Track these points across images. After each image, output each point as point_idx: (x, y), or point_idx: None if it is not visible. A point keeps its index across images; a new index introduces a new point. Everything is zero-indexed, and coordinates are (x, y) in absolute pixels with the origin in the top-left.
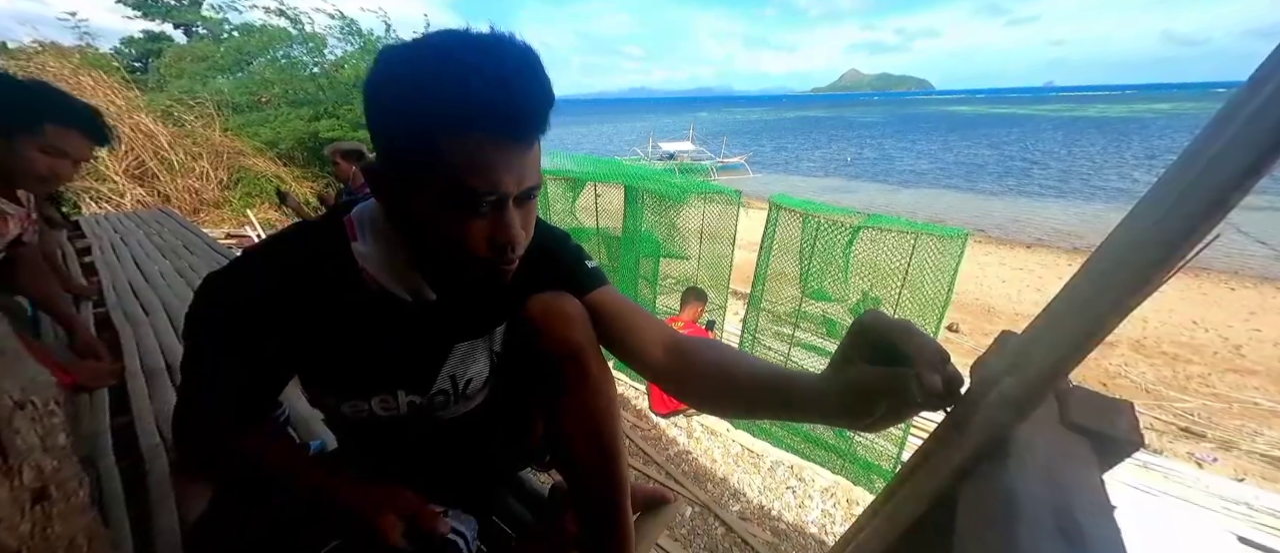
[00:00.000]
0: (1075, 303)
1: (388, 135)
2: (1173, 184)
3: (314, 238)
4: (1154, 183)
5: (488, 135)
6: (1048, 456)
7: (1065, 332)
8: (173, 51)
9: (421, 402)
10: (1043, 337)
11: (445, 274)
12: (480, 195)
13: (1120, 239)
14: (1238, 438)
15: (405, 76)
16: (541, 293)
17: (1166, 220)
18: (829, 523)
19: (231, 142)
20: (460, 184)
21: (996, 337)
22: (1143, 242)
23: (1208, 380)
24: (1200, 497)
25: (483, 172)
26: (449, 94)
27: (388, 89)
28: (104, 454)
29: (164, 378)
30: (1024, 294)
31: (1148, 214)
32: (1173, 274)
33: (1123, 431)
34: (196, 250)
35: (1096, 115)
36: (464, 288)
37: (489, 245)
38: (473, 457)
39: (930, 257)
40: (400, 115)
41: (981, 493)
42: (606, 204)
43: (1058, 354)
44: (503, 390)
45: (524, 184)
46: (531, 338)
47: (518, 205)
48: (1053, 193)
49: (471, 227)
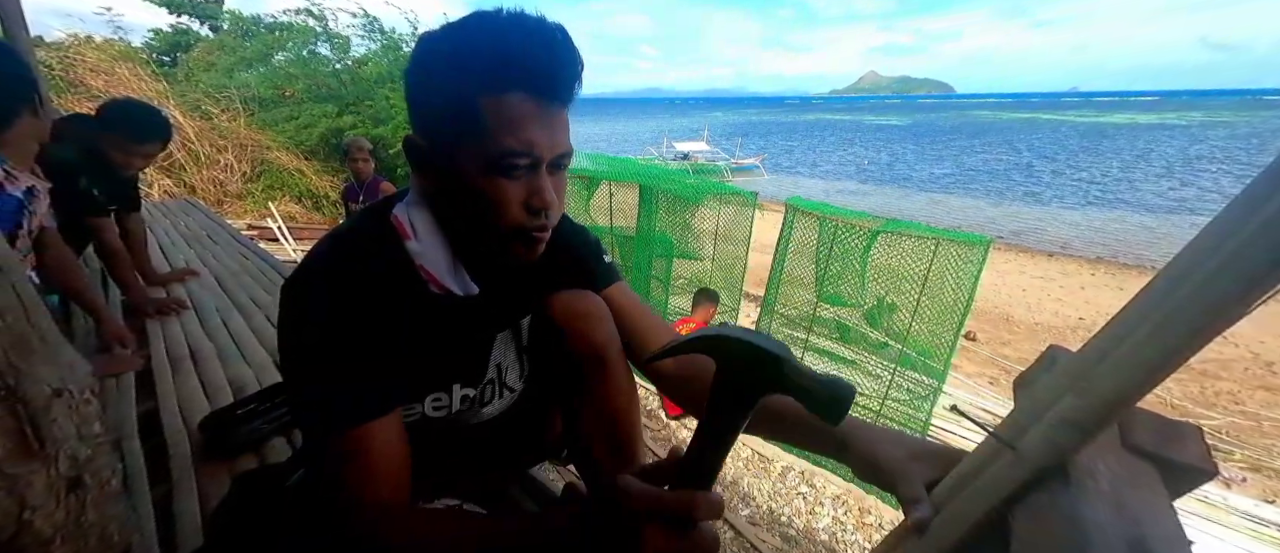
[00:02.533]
0: (1149, 324)
1: (429, 104)
2: (1259, 202)
3: (371, 246)
4: (1234, 198)
5: (526, 95)
6: (1114, 482)
7: (1139, 354)
8: (201, 46)
9: (474, 394)
10: (1110, 357)
11: (481, 255)
12: (517, 155)
13: (1201, 258)
14: (1268, 458)
15: (446, 45)
16: (564, 292)
17: (1257, 243)
18: (840, 531)
19: (256, 135)
20: (498, 144)
21: (1044, 351)
22: (1229, 264)
23: (1237, 398)
24: (1228, 518)
25: (519, 131)
26: (488, 52)
27: (429, 60)
28: (130, 437)
29: (188, 365)
30: (1044, 304)
31: (1233, 234)
32: (1266, 301)
33: (1193, 457)
34: (220, 241)
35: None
36: (499, 275)
37: (525, 210)
38: (494, 452)
39: (950, 263)
40: (442, 80)
41: (1041, 520)
42: (620, 203)
43: (1130, 377)
44: (533, 389)
45: (557, 148)
46: (556, 336)
47: (551, 172)
48: (1076, 201)
49: (508, 190)
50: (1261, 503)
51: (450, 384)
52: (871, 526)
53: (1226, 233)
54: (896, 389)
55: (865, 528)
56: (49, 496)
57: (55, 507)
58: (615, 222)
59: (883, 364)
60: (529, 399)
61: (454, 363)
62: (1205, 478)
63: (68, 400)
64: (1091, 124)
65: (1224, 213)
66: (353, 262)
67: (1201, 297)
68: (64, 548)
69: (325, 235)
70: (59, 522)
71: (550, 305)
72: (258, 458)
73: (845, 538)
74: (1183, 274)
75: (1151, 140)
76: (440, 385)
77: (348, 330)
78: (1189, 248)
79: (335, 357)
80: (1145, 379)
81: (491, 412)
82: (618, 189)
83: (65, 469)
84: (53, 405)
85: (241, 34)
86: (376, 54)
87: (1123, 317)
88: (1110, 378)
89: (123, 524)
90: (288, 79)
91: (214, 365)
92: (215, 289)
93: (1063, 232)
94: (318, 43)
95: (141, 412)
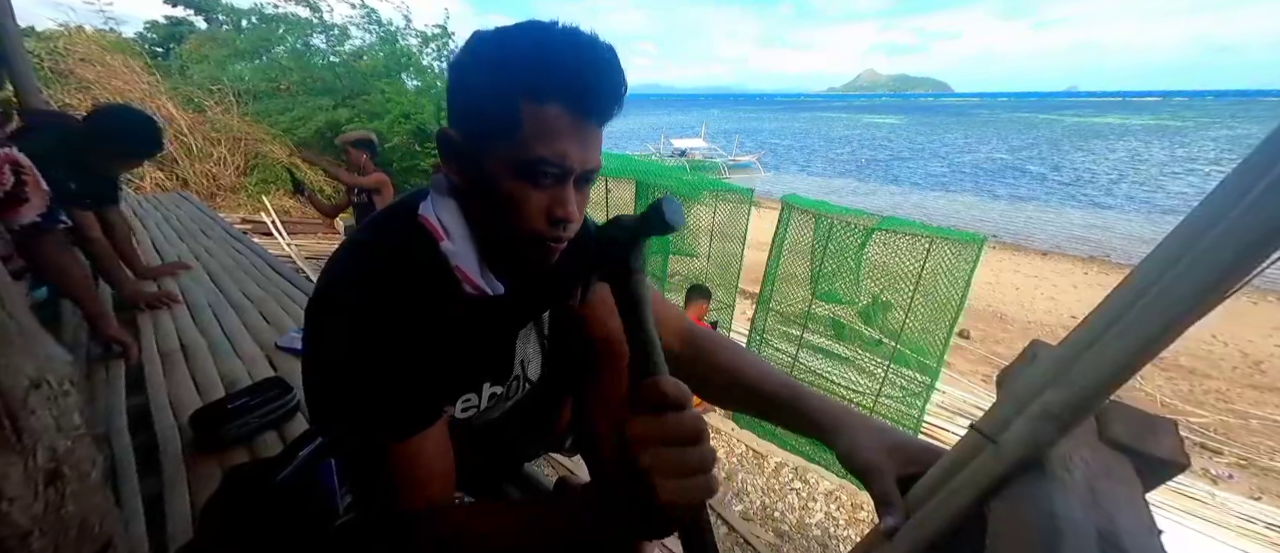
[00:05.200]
0: (1125, 318)
1: (469, 100)
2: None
3: (401, 247)
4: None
5: (565, 108)
6: (1089, 474)
7: (1115, 347)
8: (194, 37)
9: (502, 391)
10: (1088, 351)
11: (501, 254)
12: (548, 164)
13: (1173, 254)
14: (1255, 455)
15: (496, 48)
16: None
17: (1227, 238)
18: (832, 526)
19: (249, 127)
20: (532, 151)
21: (1026, 347)
22: (1200, 258)
23: (1226, 396)
24: (1215, 514)
25: (555, 141)
26: (535, 59)
27: (478, 57)
28: (120, 432)
29: (179, 359)
30: (1037, 302)
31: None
32: (1235, 292)
33: (1167, 450)
34: (212, 234)
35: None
36: (518, 274)
37: (547, 219)
38: (503, 445)
39: (945, 261)
40: (486, 78)
41: (1016, 512)
42: (617, 199)
43: (1108, 369)
44: (551, 381)
45: (588, 164)
46: (577, 325)
47: (577, 186)
48: (1070, 201)
49: (533, 197)
50: (1248, 500)
51: (480, 384)
52: (863, 521)
53: (1193, 235)
54: (890, 386)
55: (857, 524)
56: (26, 488)
57: (33, 499)
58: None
59: (877, 361)
60: (543, 391)
61: (484, 362)
62: (1178, 471)
63: (46, 392)
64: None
65: (1191, 215)
66: (388, 274)
67: (1170, 295)
68: (43, 541)
69: (345, 245)
70: (37, 514)
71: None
72: (249, 453)
73: (837, 533)
74: (1154, 273)
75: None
76: (471, 386)
77: (392, 346)
78: (1160, 248)
79: (381, 374)
80: (1120, 373)
81: (508, 405)
82: (614, 185)
83: (43, 461)
84: (30, 397)
85: (235, 26)
86: (373, 47)
87: (1099, 313)
88: (1086, 373)
89: (104, 517)
90: (283, 72)
91: (206, 360)
92: (207, 284)
93: (1056, 231)
94: (313, 35)
95: (131, 406)
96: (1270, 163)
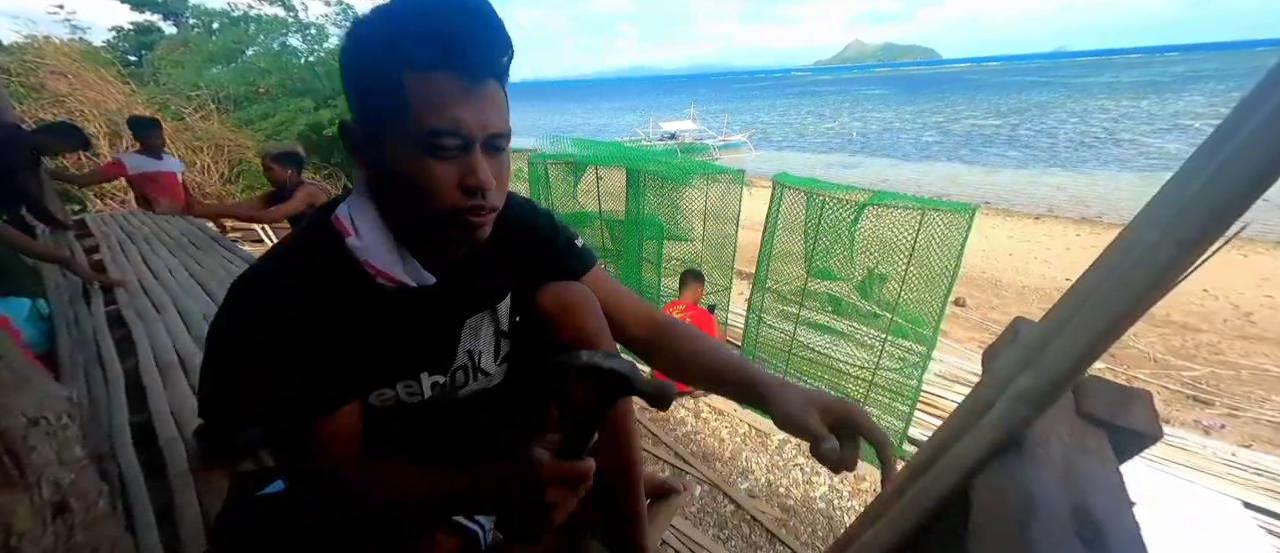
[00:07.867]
0: (1095, 297)
1: (361, 88)
2: (1201, 169)
3: (311, 248)
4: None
5: (450, 72)
6: (1064, 449)
7: (1085, 326)
8: (165, 43)
9: (444, 381)
10: (1061, 330)
11: (426, 242)
12: (443, 134)
13: (1141, 229)
14: (1246, 405)
15: (374, 24)
16: (551, 284)
17: (1191, 210)
18: (836, 499)
19: (231, 134)
20: (424, 124)
21: (1010, 324)
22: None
23: (1217, 348)
24: (1206, 463)
25: (446, 109)
26: (412, 29)
27: (359, 43)
28: (124, 449)
29: (178, 372)
30: (1030, 266)
31: (1171, 203)
32: (1197, 268)
33: (1140, 423)
34: (202, 245)
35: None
36: (457, 263)
37: (459, 190)
38: (488, 442)
39: (937, 232)
40: (370, 62)
41: (997, 491)
42: (608, 187)
43: (1077, 350)
44: (517, 375)
45: (489, 128)
46: (544, 328)
47: (486, 153)
48: (1061, 162)
49: (439, 171)
50: (1239, 448)
51: (418, 372)
52: (866, 492)
53: (1167, 203)
54: (888, 358)
55: (860, 495)
56: (35, 521)
57: (42, 532)
58: (605, 206)
59: (874, 335)
60: (511, 384)
61: (420, 352)
62: (1151, 442)
63: (45, 428)
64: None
65: (1168, 184)
66: (289, 274)
67: (1144, 265)
68: None
69: (273, 247)
70: (47, 547)
71: (538, 298)
72: (255, 463)
73: (841, 505)
74: (1129, 245)
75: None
76: (408, 374)
77: (290, 341)
78: (1137, 219)
79: (282, 366)
80: (1090, 351)
81: (470, 391)
82: (605, 173)
83: (49, 495)
84: (30, 434)
85: (206, 28)
86: None
87: (1072, 294)
88: (1061, 352)
89: (115, 544)
90: (260, 74)
91: None
92: (200, 294)
93: (1048, 194)
94: (288, 34)
95: (135, 423)
96: (1225, 137)
